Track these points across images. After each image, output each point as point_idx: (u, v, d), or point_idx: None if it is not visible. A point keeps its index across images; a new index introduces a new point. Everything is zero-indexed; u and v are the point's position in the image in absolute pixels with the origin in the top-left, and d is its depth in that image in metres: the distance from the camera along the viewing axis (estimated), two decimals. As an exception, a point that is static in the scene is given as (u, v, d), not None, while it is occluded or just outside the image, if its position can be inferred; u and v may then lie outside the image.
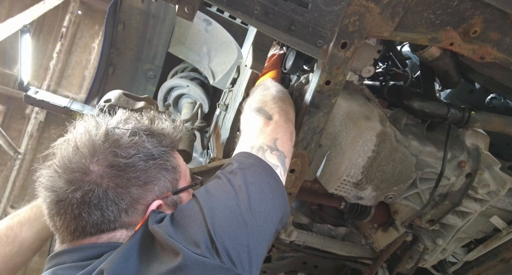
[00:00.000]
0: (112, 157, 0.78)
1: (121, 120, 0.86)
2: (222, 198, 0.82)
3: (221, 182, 0.87)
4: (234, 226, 0.77)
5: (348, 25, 0.95)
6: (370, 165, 1.17)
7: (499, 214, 1.46)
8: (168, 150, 0.88)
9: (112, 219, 0.79)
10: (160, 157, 0.84)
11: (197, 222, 0.76)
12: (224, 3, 0.87)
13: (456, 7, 0.98)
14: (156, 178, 0.83)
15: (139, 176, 0.80)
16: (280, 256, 1.67)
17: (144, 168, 0.81)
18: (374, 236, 1.63)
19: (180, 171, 0.91)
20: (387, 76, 1.47)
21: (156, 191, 0.84)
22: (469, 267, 1.68)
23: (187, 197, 0.92)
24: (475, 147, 1.31)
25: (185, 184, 0.93)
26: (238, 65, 1.79)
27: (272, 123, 1.04)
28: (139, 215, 0.82)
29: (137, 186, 0.80)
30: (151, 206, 0.82)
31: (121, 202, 0.78)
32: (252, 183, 0.87)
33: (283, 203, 0.91)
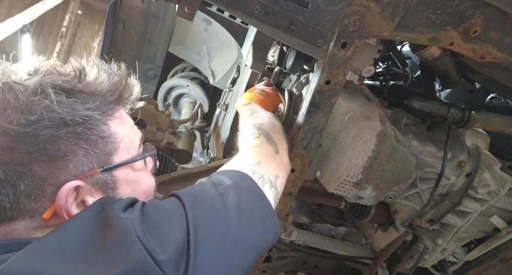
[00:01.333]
0: (5, 123, 0.60)
1: (30, 70, 0.66)
2: (210, 214, 0.69)
3: (212, 195, 0.74)
4: (216, 250, 0.65)
5: (348, 25, 0.95)
6: (370, 165, 1.17)
7: (499, 214, 1.46)
8: (96, 114, 0.67)
9: (7, 206, 0.61)
10: (78, 124, 0.64)
11: (177, 229, 0.63)
12: (224, 3, 0.87)
13: (457, 7, 0.98)
14: (71, 152, 0.64)
15: (44, 149, 0.61)
16: (280, 256, 1.67)
17: (52, 139, 0.61)
18: (374, 236, 1.63)
19: (115, 141, 0.70)
20: (387, 76, 1.47)
21: (71, 168, 0.64)
22: (469, 267, 1.68)
23: (127, 178, 0.73)
24: (475, 147, 1.31)
25: (126, 157, 0.72)
26: (238, 65, 1.80)
27: (278, 159, 0.97)
28: (47, 199, 0.64)
29: (41, 162, 0.61)
30: (63, 189, 0.63)
31: (19, 183, 0.60)
32: (245, 208, 0.75)
33: (272, 235, 0.79)
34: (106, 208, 0.64)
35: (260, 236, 0.76)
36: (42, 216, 0.63)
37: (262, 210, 0.79)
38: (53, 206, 0.64)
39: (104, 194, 0.70)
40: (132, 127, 0.76)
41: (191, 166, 1.95)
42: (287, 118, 1.32)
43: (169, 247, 0.60)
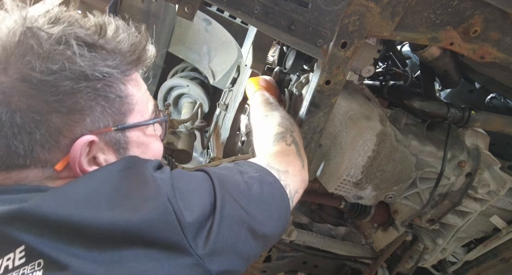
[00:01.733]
0: (26, 69, 0.59)
1: (52, 18, 0.64)
2: (235, 197, 0.70)
3: (238, 180, 0.75)
4: (234, 231, 0.67)
5: (348, 25, 0.95)
6: (370, 165, 1.17)
7: (499, 214, 1.46)
8: (116, 72, 0.66)
9: (21, 153, 0.61)
10: (98, 79, 0.64)
11: (205, 199, 0.65)
12: (224, 3, 0.87)
13: (456, 7, 0.98)
14: (89, 107, 0.64)
15: (63, 100, 0.60)
16: (280, 256, 1.67)
17: (71, 91, 0.61)
18: (374, 236, 1.63)
19: (131, 103, 0.70)
20: (387, 75, 1.47)
21: (88, 123, 0.64)
22: (469, 267, 1.68)
23: (138, 140, 0.73)
24: (475, 147, 1.31)
25: (139, 120, 0.73)
26: (238, 65, 1.80)
27: (303, 175, 0.97)
28: (60, 151, 0.63)
29: (59, 112, 0.61)
30: (78, 142, 0.63)
31: (34, 132, 0.60)
32: (266, 201, 0.77)
33: (280, 234, 0.82)
34: (136, 164, 0.66)
35: (272, 231, 0.77)
36: (54, 167, 0.63)
37: (280, 207, 0.80)
38: (66, 158, 0.64)
39: (116, 153, 0.70)
40: (146, 92, 0.76)
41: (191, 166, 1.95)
42: None
43: (194, 213, 0.61)
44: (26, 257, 0.54)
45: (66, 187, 0.61)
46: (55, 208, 0.56)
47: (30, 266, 0.54)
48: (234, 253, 0.67)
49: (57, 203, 0.57)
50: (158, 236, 0.57)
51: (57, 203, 0.57)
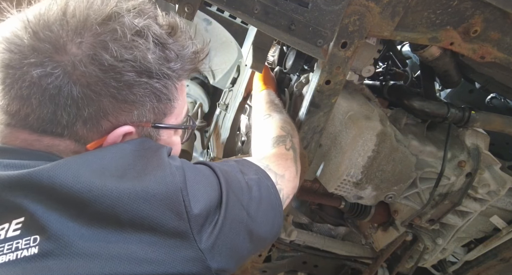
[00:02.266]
0: (100, 49, 0.59)
1: (136, 8, 0.65)
2: (238, 197, 0.72)
3: (240, 180, 0.76)
4: (234, 230, 0.68)
5: (348, 25, 0.95)
6: (370, 165, 1.17)
7: (499, 214, 1.46)
8: (173, 75, 0.68)
9: (63, 123, 0.61)
10: (158, 78, 0.65)
11: (212, 195, 0.66)
12: (224, 3, 0.87)
13: (457, 7, 0.98)
14: (141, 101, 0.65)
15: (121, 89, 0.62)
16: (280, 256, 1.67)
17: (132, 82, 0.62)
18: (374, 236, 1.63)
19: (174, 106, 0.72)
20: (387, 75, 1.47)
21: (134, 115, 0.66)
22: (469, 267, 1.68)
23: (167, 140, 0.75)
24: (475, 147, 1.31)
25: (174, 122, 0.75)
26: (238, 65, 1.79)
27: (296, 181, 0.99)
28: (98, 132, 0.64)
29: (113, 98, 0.62)
30: (119, 129, 0.64)
31: (84, 108, 0.61)
32: (263, 204, 0.78)
33: (273, 239, 0.84)
34: (152, 147, 0.67)
35: (266, 235, 0.78)
36: (87, 145, 0.64)
37: (275, 212, 0.82)
38: (101, 140, 0.65)
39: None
40: (185, 97, 0.78)
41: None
42: None
43: (201, 206, 0.62)
44: (22, 229, 0.53)
45: (77, 158, 0.60)
46: (67, 178, 0.55)
47: (25, 241, 0.52)
48: (231, 252, 0.67)
49: (69, 173, 0.56)
50: (165, 223, 0.57)
51: (69, 173, 0.56)
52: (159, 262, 0.56)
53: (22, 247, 0.52)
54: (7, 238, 0.52)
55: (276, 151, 1.00)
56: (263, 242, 0.80)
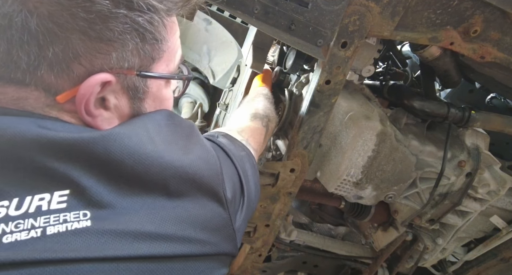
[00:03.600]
0: None
1: None
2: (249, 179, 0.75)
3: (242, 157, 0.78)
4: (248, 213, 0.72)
5: (349, 25, 0.95)
6: (370, 165, 1.17)
7: (499, 214, 1.46)
8: (160, 7, 0.55)
9: (23, 67, 0.49)
10: (141, 11, 0.52)
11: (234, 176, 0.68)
12: (224, 3, 0.87)
13: (457, 7, 0.98)
14: (120, 40, 0.52)
15: (94, 22, 0.49)
16: (280, 256, 1.67)
17: (107, 15, 0.49)
18: (374, 236, 1.63)
19: (162, 49, 0.59)
20: (387, 75, 1.47)
21: (113, 59, 0.53)
22: (469, 267, 1.68)
23: (156, 93, 0.63)
24: (475, 147, 1.31)
25: (164, 70, 0.62)
26: (238, 65, 1.79)
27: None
28: (69, 80, 0.52)
29: (84, 35, 0.49)
30: (93, 77, 0.52)
31: (47, 47, 0.48)
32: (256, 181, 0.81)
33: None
34: (185, 123, 0.64)
35: (254, 210, 0.82)
36: (56, 96, 0.52)
37: (259, 188, 0.84)
38: (73, 91, 0.52)
39: (130, 101, 0.59)
40: (178, 38, 0.65)
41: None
42: (287, 118, 1.32)
43: (232, 190, 0.64)
44: (68, 202, 0.48)
45: (125, 129, 0.54)
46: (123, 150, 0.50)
47: (74, 214, 0.47)
48: (243, 232, 0.70)
49: (124, 145, 0.51)
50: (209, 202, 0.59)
51: (124, 145, 0.51)
52: (210, 242, 0.56)
53: (71, 220, 0.47)
54: (51, 210, 0.46)
55: (252, 124, 1.02)
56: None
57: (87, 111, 0.55)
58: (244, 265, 1.54)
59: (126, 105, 0.59)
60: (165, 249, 0.51)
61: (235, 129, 0.95)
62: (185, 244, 0.53)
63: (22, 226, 0.45)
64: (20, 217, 0.45)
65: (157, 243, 0.50)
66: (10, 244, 0.43)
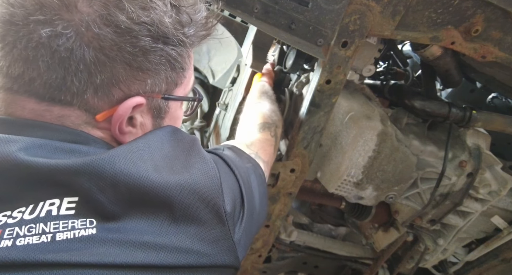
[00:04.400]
0: (114, 9, 0.53)
1: None
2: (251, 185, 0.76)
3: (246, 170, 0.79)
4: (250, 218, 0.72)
5: (349, 24, 0.94)
6: (371, 165, 1.17)
7: (500, 214, 1.46)
8: (187, 41, 0.63)
9: (73, 90, 0.56)
10: (173, 45, 0.60)
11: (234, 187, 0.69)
12: (224, 2, 0.86)
13: (458, 6, 0.97)
14: (155, 70, 0.60)
15: (136, 55, 0.57)
16: (280, 256, 1.66)
17: (148, 49, 0.57)
18: (374, 236, 1.63)
19: (184, 76, 0.68)
20: (388, 75, 1.46)
21: (148, 85, 0.61)
22: (470, 267, 1.67)
23: (173, 113, 0.71)
24: (476, 147, 1.31)
25: (182, 94, 0.71)
26: (238, 64, 1.79)
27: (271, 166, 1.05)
28: (109, 102, 0.59)
29: (128, 65, 0.57)
30: (130, 100, 0.59)
31: (96, 75, 0.55)
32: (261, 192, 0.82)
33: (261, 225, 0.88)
34: (188, 138, 0.68)
35: (262, 221, 0.83)
36: (96, 115, 0.59)
37: (267, 199, 0.87)
38: (110, 111, 0.60)
39: (153, 120, 0.67)
40: (193, 67, 0.74)
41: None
42: (287, 118, 1.31)
43: (231, 203, 0.65)
44: (77, 209, 0.52)
45: (131, 147, 0.59)
46: (128, 168, 0.54)
47: (81, 221, 0.51)
48: (249, 242, 0.71)
49: (128, 162, 0.55)
50: (209, 215, 0.60)
51: (128, 162, 0.55)
52: (206, 254, 0.58)
53: (78, 227, 0.51)
54: (60, 216, 0.51)
55: (262, 136, 1.03)
56: (260, 227, 0.84)
57: (120, 129, 0.62)
58: (244, 266, 1.54)
59: (150, 123, 0.67)
60: (162, 259, 0.53)
61: (244, 143, 0.96)
62: (182, 255, 0.55)
63: (34, 231, 0.49)
64: (32, 221, 0.49)
65: (155, 253, 0.53)
66: (23, 246, 0.47)
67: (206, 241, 0.58)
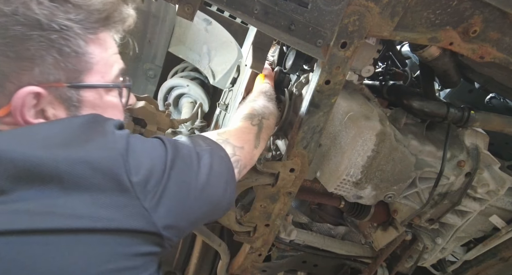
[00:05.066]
0: None
1: None
2: (187, 162, 0.74)
3: (191, 150, 0.77)
4: (181, 192, 0.70)
5: (348, 25, 0.95)
6: (370, 165, 1.17)
7: (498, 213, 1.46)
8: (77, 27, 0.66)
9: None
10: (53, 30, 0.63)
11: (156, 160, 0.67)
12: (224, 3, 0.87)
13: (456, 7, 0.98)
14: (40, 57, 0.63)
15: (11, 45, 0.61)
16: (280, 255, 1.67)
17: (22, 37, 0.61)
18: (373, 235, 1.64)
19: (89, 61, 0.69)
20: (387, 75, 1.47)
21: (36, 73, 0.64)
22: (468, 266, 1.68)
23: (95, 101, 0.72)
24: (475, 147, 1.32)
25: (98, 82, 0.72)
26: (238, 65, 1.80)
27: (255, 154, 1.04)
28: (5, 96, 0.64)
29: (6, 57, 0.62)
30: (20, 91, 0.63)
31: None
32: (215, 171, 0.79)
33: (227, 204, 0.86)
34: (99, 120, 0.68)
35: (220, 200, 0.81)
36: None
37: (228, 179, 0.84)
38: (9, 105, 0.64)
39: (66, 110, 0.70)
40: (113, 55, 0.75)
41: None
42: (287, 118, 1.32)
43: (143, 172, 0.64)
44: None
45: (23, 129, 0.62)
46: (9, 147, 0.57)
47: None
48: (182, 211, 0.70)
49: (11, 142, 0.59)
50: (107, 184, 0.60)
51: (11, 142, 0.59)
52: (108, 218, 0.59)
53: None
54: None
55: (240, 125, 1.05)
56: (218, 207, 0.83)
57: (25, 121, 0.65)
58: (244, 265, 1.54)
59: (64, 114, 0.69)
60: (48, 223, 0.55)
61: (217, 132, 0.98)
62: (72, 219, 0.57)
63: None
64: None
65: (41, 218, 0.55)
66: None
67: (107, 207, 0.59)
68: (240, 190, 1.27)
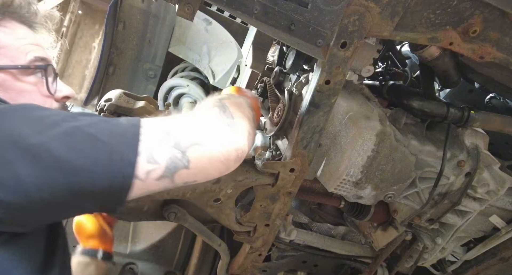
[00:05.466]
0: None
1: None
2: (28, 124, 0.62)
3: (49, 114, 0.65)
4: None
5: (348, 25, 0.95)
6: (370, 165, 1.17)
7: (498, 213, 1.46)
8: None
9: None
10: None
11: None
12: (224, 3, 0.87)
13: (456, 7, 0.98)
14: None
15: None
16: (280, 255, 1.67)
17: None
18: (373, 235, 1.64)
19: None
20: (387, 75, 1.47)
21: None
22: (468, 266, 1.68)
23: (7, 82, 0.75)
24: (475, 147, 1.32)
25: (6, 63, 0.75)
26: (238, 65, 1.80)
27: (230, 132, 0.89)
28: None
29: None
30: None
31: None
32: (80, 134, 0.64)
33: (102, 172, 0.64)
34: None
35: (78, 165, 0.62)
36: None
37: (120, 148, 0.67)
38: None
39: None
40: (29, 45, 0.79)
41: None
42: (287, 118, 1.32)
43: None
44: None
45: None
46: None
47: None
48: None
49: None
50: None
51: None
52: None
53: None
54: None
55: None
56: (76, 173, 0.62)
57: None
58: (244, 265, 1.54)
59: None
60: None
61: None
62: None
63: None
64: None
65: None
66: None
67: None
68: (240, 190, 1.27)
